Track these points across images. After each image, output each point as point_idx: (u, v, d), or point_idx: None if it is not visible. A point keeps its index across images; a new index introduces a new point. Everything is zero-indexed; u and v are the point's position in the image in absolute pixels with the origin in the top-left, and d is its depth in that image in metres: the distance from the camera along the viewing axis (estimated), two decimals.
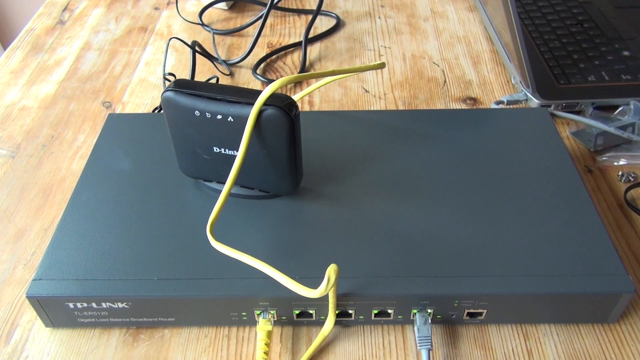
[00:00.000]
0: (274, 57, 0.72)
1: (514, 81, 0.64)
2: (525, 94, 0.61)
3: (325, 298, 0.39)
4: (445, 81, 0.67)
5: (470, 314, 0.41)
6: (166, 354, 0.41)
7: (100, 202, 0.45)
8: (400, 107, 0.63)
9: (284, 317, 0.41)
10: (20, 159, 0.58)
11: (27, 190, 0.54)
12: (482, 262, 0.40)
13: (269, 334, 0.40)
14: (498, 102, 0.61)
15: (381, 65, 0.50)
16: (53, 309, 0.40)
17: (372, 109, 0.63)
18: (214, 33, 0.76)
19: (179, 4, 0.84)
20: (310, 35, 0.75)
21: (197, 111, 0.41)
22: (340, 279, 0.39)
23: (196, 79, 0.68)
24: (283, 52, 0.73)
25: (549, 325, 0.42)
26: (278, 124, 0.40)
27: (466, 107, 0.63)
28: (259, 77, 0.67)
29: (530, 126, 0.52)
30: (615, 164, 0.54)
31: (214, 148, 0.43)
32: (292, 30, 0.78)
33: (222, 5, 0.82)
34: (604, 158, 0.55)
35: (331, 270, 0.35)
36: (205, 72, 0.70)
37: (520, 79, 0.62)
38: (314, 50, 0.73)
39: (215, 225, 0.43)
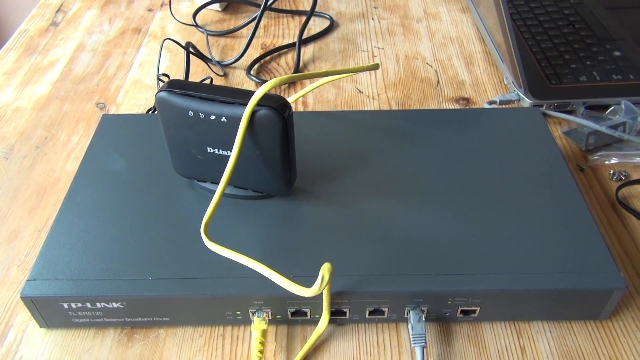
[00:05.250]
0: (267, 58, 0.72)
1: (507, 81, 0.65)
2: (518, 93, 0.61)
3: (319, 297, 0.39)
4: (438, 82, 0.67)
5: (463, 312, 0.41)
6: (161, 353, 0.41)
7: (94, 202, 0.45)
8: (394, 108, 0.63)
9: (279, 316, 0.41)
10: (14, 160, 0.58)
11: (21, 192, 0.54)
12: (476, 260, 0.41)
13: (264, 333, 0.40)
14: (491, 102, 0.61)
15: (375, 67, 0.50)
16: (47, 309, 0.40)
17: (365, 109, 0.63)
18: (207, 34, 0.76)
19: (172, 6, 0.84)
20: (304, 36, 0.76)
21: (190, 111, 0.41)
22: (334, 277, 0.40)
23: (190, 80, 0.68)
24: (277, 53, 0.73)
25: (542, 323, 0.42)
26: (271, 125, 0.40)
27: (459, 107, 0.63)
28: (252, 77, 0.68)
29: (522, 126, 0.52)
30: (607, 162, 0.55)
31: (208, 148, 0.43)
32: (286, 31, 0.78)
33: (216, 6, 0.82)
34: (595, 157, 0.55)
35: (325, 269, 0.35)
36: (199, 73, 0.70)
37: (513, 79, 0.62)
38: (307, 51, 0.74)
39: (209, 225, 0.43)
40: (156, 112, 0.59)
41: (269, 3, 0.79)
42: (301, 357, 0.40)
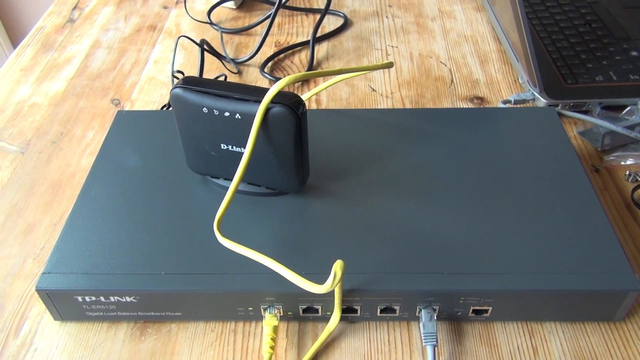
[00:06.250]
0: (281, 55, 0.73)
1: (522, 80, 0.64)
2: (533, 93, 0.61)
3: (331, 294, 0.39)
4: (452, 80, 0.67)
5: (475, 311, 0.41)
6: (173, 348, 0.41)
7: (109, 197, 0.46)
8: (407, 106, 0.63)
9: (290, 313, 0.41)
10: (30, 155, 0.59)
11: (37, 186, 0.55)
12: (488, 259, 0.40)
13: (275, 329, 0.40)
14: (505, 102, 0.61)
15: (389, 65, 0.50)
16: (62, 302, 0.41)
17: (379, 107, 0.63)
18: (222, 32, 0.76)
19: (187, 3, 0.84)
20: (318, 34, 0.76)
21: (205, 108, 0.41)
22: (346, 275, 0.40)
23: (204, 77, 0.69)
24: (291, 51, 0.73)
25: (555, 323, 0.42)
26: (285, 122, 0.40)
27: (473, 107, 0.63)
28: (266, 75, 0.68)
29: (537, 125, 0.52)
30: (623, 163, 0.54)
31: (222, 145, 0.43)
32: (300, 29, 0.78)
33: (231, 4, 0.82)
34: (611, 157, 0.55)
35: (337, 266, 0.35)
36: (213, 70, 0.70)
37: (528, 78, 0.62)
38: (321, 50, 0.74)
39: (222, 222, 0.44)
40: (171, 109, 0.60)
41: (283, 1, 0.79)
42: (312, 354, 0.40)
